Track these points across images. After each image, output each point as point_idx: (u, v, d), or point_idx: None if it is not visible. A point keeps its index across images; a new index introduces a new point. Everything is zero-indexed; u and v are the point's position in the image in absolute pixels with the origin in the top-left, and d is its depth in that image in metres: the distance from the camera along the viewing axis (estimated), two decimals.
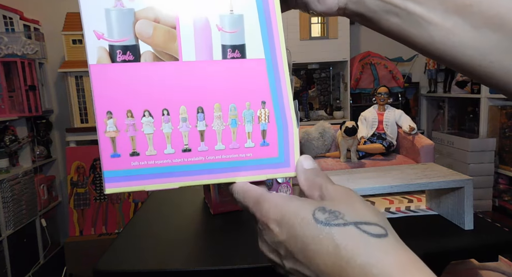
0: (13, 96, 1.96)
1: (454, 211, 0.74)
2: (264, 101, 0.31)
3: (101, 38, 0.29)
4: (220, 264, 0.61)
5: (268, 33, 0.31)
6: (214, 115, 0.31)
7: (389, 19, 0.32)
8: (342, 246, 0.23)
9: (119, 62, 0.29)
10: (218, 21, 0.30)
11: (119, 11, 0.29)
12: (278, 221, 0.26)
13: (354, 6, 0.33)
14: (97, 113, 0.29)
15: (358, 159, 1.67)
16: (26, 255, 1.98)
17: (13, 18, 2.02)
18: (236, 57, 0.31)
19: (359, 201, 0.26)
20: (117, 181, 0.29)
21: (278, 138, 0.32)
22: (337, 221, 0.24)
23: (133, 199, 2.05)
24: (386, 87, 1.74)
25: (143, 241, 0.73)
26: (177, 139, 0.30)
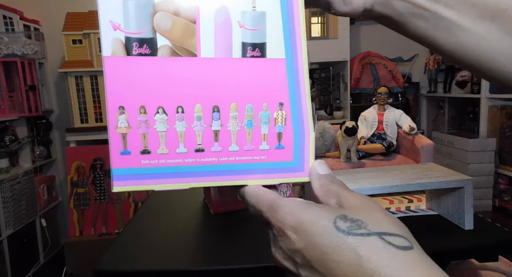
0: (13, 96, 1.96)
1: (454, 211, 0.74)
2: (282, 103, 0.30)
3: (117, 29, 0.27)
4: (220, 264, 0.61)
5: (290, 32, 0.30)
6: (230, 115, 0.29)
7: (417, 23, 0.31)
8: (365, 257, 0.22)
9: (135, 55, 0.28)
10: (240, 18, 0.29)
11: (137, 1, 0.27)
12: (295, 227, 0.25)
13: (381, 8, 0.32)
14: (109, 107, 0.27)
15: (358, 159, 1.67)
16: (26, 255, 1.98)
17: (13, 18, 2.02)
18: (256, 56, 0.29)
19: (380, 210, 0.25)
20: (125, 179, 0.28)
21: (294, 142, 0.31)
22: (360, 231, 0.23)
23: (133, 199, 2.05)
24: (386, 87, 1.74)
25: (143, 241, 0.73)
26: (191, 138, 0.29)
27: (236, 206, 0.87)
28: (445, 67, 2.49)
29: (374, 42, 2.63)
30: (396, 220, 0.25)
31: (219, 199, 0.85)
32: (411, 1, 0.30)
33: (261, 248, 0.67)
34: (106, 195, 2.03)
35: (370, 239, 0.22)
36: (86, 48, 1.97)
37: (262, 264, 0.61)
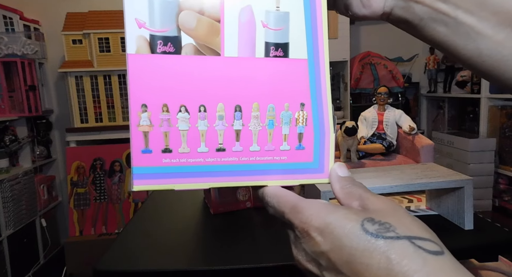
0: (13, 96, 1.96)
1: (454, 211, 0.74)
2: (303, 104, 0.30)
3: (142, 27, 0.27)
4: (220, 264, 0.61)
5: (312, 33, 0.30)
6: (251, 115, 0.29)
7: (436, 28, 0.30)
8: (396, 261, 0.21)
9: (159, 53, 0.27)
10: (264, 17, 0.29)
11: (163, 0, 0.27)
12: (321, 229, 0.24)
13: (401, 12, 0.32)
14: (131, 105, 0.27)
15: (358, 159, 1.67)
16: (26, 255, 1.98)
17: (13, 18, 2.02)
18: (279, 56, 0.29)
19: (407, 214, 0.25)
20: (146, 178, 0.28)
21: (314, 142, 0.31)
22: (389, 234, 0.22)
23: (133, 199, 2.05)
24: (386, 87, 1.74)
25: (143, 241, 0.73)
26: (212, 137, 0.29)
27: (236, 206, 0.87)
28: (445, 67, 2.49)
29: (374, 42, 2.63)
30: (424, 225, 0.24)
31: (219, 199, 0.85)
32: (432, 6, 0.30)
33: (261, 248, 0.67)
34: (106, 195, 2.03)
35: (400, 242, 0.22)
36: (86, 48, 1.97)
37: (262, 264, 0.61)
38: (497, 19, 0.28)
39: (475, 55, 0.30)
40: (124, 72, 2.00)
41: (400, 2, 0.31)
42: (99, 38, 1.95)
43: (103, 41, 1.95)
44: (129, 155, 2.05)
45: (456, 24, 0.29)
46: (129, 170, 2.05)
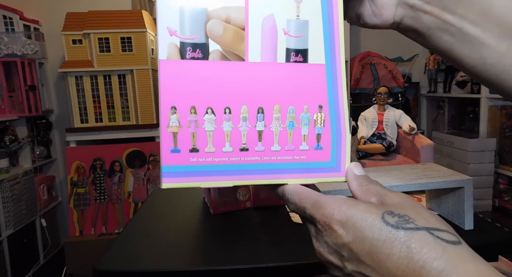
0: (13, 96, 1.96)
1: (454, 211, 0.74)
2: (321, 106, 0.32)
3: (173, 34, 0.29)
4: (220, 264, 0.61)
5: (330, 39, 0.32)
6: (273, 117, 0.31)
7: (442, 37, 0.32)
8: (416, 250, 0.23)
9: (188, 59, 0.29)
10: (285, 25, 0.31)
11: (193, 9, 0.29)
12: (343, 222, 0.26)
13: (410, 21, 0.33)
14: (162, 107, 0.29)
15: (358, 159, 1.67)
16: (26, 255, 1.98)
17: (13, 18, 2.02)
18: (299, 61, 0.31)
19: (424, 208, 0.26)
20: (174, 176, 0.30)
21: (331, 143, 0.32)
22: (408, 225, 0.24)
23: (133, 199, 2.05)
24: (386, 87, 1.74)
25: (143, 241, 0.73)
26: (236, 137, 0.31)
27: (236, 206, 0.87)
28: (445, 67, 2.49)
29: (374, 42, 2.63)
30: (440, 218, 0.26)
31: (219, 199, 0.85)
32: (439, 17, 0.31)
33: (261, 248, 0.67)
34: (106, 195, 2.03)
35: (420, 233, 0.23)
36: (86, 48, 1.97)
37: (262, 264, 0.61)
38: (500, 31, 0.29)
39: (479, 64, 0.31)
40: (124, 72, 2.00)
41: (409, 12, 0.33)
42: (99, 38, 1.95)
43: (103, 41, 1.95)
44: (128, 154, 2.05)
45: (461, 34, 0.31)
46: (129, 170, 2.05)
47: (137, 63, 1.99)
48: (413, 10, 0.32)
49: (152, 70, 2.04)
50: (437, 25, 0.32)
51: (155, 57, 2.14)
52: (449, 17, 0.31)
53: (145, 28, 1.97)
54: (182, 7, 0.29)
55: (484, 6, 0.29)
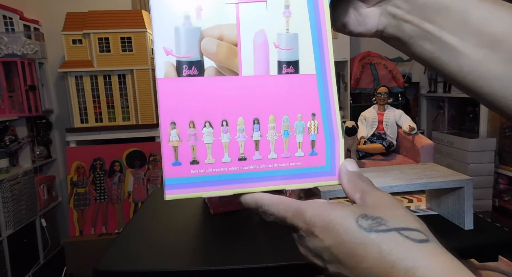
0: (13, 96, 1.96)
1: (454, 211, 0.74)
2: (314, 114, 0.33)
3: (169, 54, 0.31)
4: (220, 264, 0.61)
5: (319, 50, 0.33)
6: (268, 126, 0.33)
7: (423, 45, 0.34)
8: (386, 251, 0.24)
9: (185, 76, 0.31)
10: (276, 39, 0.32)
11: (187, 29, 0.31)
12: (323, 228, 0.27)
13: (393, 30, 0.35)
14: (162, 123, 0.31)
15: (358, 158, 1.67)
16: (26, 255, 1.98)
17: (13, 18, 2.02)
18: (290, 73, 0.33)
19: (400, 207, 0.28)
20: (177, 188, 0.31)
21: (325, 148, 0.34)
22: (380, 227, 0.25)
23: (133, 199, 2.05)
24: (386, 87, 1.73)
25: (143, 241, 0.73)
26: (234, 148, 0.32)
27: (236, 206, 0.87)
28: None
29: (374, 42, 2.63)
30: (414, 216, 0.27)
31: (219, 199, 0.85)
32: (420, 26, 0.33)
33: (261, 248, 0.67)
34: (106, 195, 2.03)
35: (390, 234, 0.25)
36: (86, 48, 1.97)
37: (262, 264, 0.61)
38: (477, 40, 0.31)
39: (457, 71, 0.33)
40: (124, 73, 2.00)
41: (392, 21, 0.34)
42: (99, 38, 1.95)
43: (103, 41, 1.95)
44: (128, 154, 2.06)
45: (441, 43, 0.32)
46: (129, 170, 2.05)
47: (137, 63, 1.99)
48: (395, 19, 0.34)
49: (152, 70, 2.04)
50: (418, 34, 0.33)
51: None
52: (429, 26, 0.32)
53: (145, 28, 1.97)
54: (177, 27, 0.31)
55: (462, 17, 0.31)
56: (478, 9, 0.31)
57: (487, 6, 0.31)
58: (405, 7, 0.33)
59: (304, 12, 0.33)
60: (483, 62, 0.31)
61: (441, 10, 0.32)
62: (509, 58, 0.30)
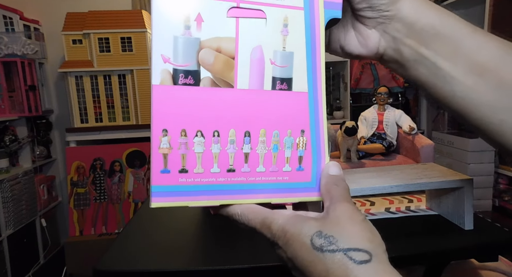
0: (13, 96, 1.96)
1: (454, 211, 0.74)
2: (303, 130, 0.34)
3: (167, 61, 0.31)
4: (220, 264, 0.61)
5: (312, 69, 0.34)
6: (259, 140, 0.33)
7: (418, 69, 0.35)
8: (331, 271, 0.26)
9: (180, 85, 0.31)
10: (272, 56, 0.33)
11: (186, 39, 0.31)
12: (284, 242, 0.29)
13: (392, 53, 0.37)
14: (153, 130, 0.31)
15: (358, 159, 1.67)
16: (26, 255, 1.98)
17: (13, 18, 2.02)
18: (283, 89, 0.34)
19: (358, 223, 0.29)
20: (163, 196, 0.31)
21: (312, 164, 0.35)
22: (330, 247, 0.27)
23: (133, 199, 2.05)
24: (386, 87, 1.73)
25: (143, 241, 0.73)
26: (224, 159, 0.32)
27: None
28: None
29: None
30: (368, 233, 0.29)
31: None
32: (417, 50, 0.35)
33: (260, 248, 0.67)
34: (106, 195, 2.03)
35: (336, 255, 0.27)
36: (86, 48, 1.97)
37: (261, 264, 0.61)
38: (468, 68, 0.33)
39: (450, 96, 0.34)
40: (124, 73, 2.00)
41: (391, 44, 0.36)
42: (99, 38, 1.95)
43: (103, 41, 1.95)
44: (128, 154, 2.06)
45: (435, 68, 0.34)
46: (129, 170, 2.05)
47: (137, 63, 1.99)
48: (395, 42, 0.36)
49: None
50: (415, 58, 0.35)
51: None
52: (425, 51, 0.34)
53: (145, 28, 1.97)
54: (177, 36, 0.31)
55: (456, 45, 0.33)
56: (471, 38, 0.33)
57: (479, 36, 0.33)
58: (404, 31, 0.35)
59: (301, 32, 0.34)
60: (474, 88, 0.33)
61: (437, 36, 0.33)
62: (497, 86, 0.32)
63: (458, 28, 0.33)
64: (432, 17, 0.34)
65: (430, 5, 0.34)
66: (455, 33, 0.33)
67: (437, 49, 0.34)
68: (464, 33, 0.33)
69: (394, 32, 0.35)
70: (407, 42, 0.35)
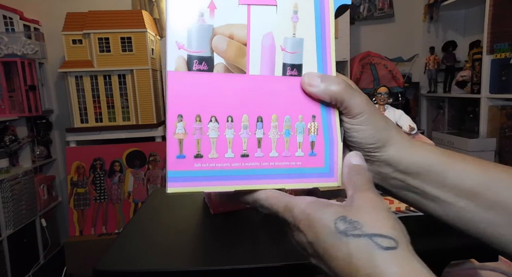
0: (13, 96, 1.96)
1: None
2: (315, 116, 0.34)
3: (181, 48, 0.32)
4: (220, 264, 0.61)
5: (322, 56, 0.35)
6: (271, 125, 0.34)
7: (408, 194, 0.37)
8: (354, 256, 0.26)
9: (195, 71, 0.32)
10: (282, 43, 0.34)
11: (200, 26, 0.32)
12: (307, 225, 0.29)
13: (379, 181, 0.37)
14: (169, 116, 0.31)
15: None
16: (26, 255, 1.98)
17: (13, 18, 2.02)
18: (294, 75, 0.34)
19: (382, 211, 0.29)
20: (179, 181, 0.32)
21: (324, 150, 0.35)
22: (354, 232, 0.27)
23: (133, 199, 2.05)
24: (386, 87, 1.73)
25: (143, 241, 0.73)
26: (238, 144, 0.33)
27: (236, 206, 0.87)
28: (445, 67, 2.49)
29: (374, 42, 2.63)
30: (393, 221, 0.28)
31: (219, 199, 0.85)
32: (404, 181, 0.36)
33: (260, 248, 0.67)
34: (106, 195, 2.03)
35: (362, 240, 0.26)
36: (86, 48, 1.97)
37: (261, 264, 0.61)
38: (456, 193, 0.34)
39: (443, 215, 0.35)
40: (124, 73, 2.00)
41: (378, 176, 0.37)
42: (99, 38, 1.95)
43: (103, 41, 1.95)
44: (128, 154, 2.05)
45: (425, 194, 0.35)
46: (129, 170, 2.05)
47: (137, 63, 1.99)
48: (381, 175, 0.37)
49: (152, 70, 2.04)
50: (402, 187, 0.36)
51: (155, 57, 2.14)
52: (413, 181, 0.35)
53: (145, 28, 1.97)
54: (190, 23, 0.32)
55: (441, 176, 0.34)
56: (453, 168, 0.34)
57: (459, 164, 0.35)
58: (390, 169, 0.36)
59: (311, 19, 0.34)
60: (466, 209, 0.34)
61: (422, 171, 0.35)
62: (489, 206, 0.33)
63: (440, 162, 0.35)
64: (416, 156, 0.35)
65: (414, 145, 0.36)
66: (438, 167, 0.35)
67: (424, 180, 0.35)
68: (445, 165, 0.35)
69: (380, 169, 0.36)
70: (392, 176, 0.36)
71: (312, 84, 0.33)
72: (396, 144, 0.35)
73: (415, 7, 2.58)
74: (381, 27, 2.60)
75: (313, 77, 0.33)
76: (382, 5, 2.56)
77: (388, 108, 1.80)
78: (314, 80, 0.33)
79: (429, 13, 2.47)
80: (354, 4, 2.58)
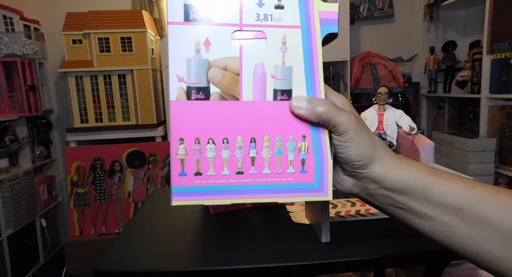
0: (13, 96, 1.96)
1: None
2: (305, 136, 0.38)
3: (181, 80, 0.36)
4: (220, 264, 0.61)
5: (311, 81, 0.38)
6: (263, 145, 0.37)
7: (396, 210, 0.38)
8: None
9: (193, 100, 0.36)
10: (272, 71, 0.37)
11: (197, 60, 0.36)
12: None
13: (365, 196, 0.40)
14: (172, 139, 0.35)
15: None
16: (26, 255, 1.98)
17: (13, 18, 2.02)
18: (284, 99, 0.37)
19: None
20: (182, 195, 0.36)
21: (315, 166, 0.38)
22: None
23: (133, 199, 2.05)
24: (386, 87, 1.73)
25: (143, 241, 0.73)
26: (233, 162, 0.37)
27: (236, 206, 0.87)
28: (445, 67, 2.49)
29: (374, 42, 2.63)
30: None
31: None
32: (390, 197, 0.38)
33: (260, 248, 0.67)
34: (106, 195, 2.03)
35: None
36: (86, 48, 1.97)
37: (261, 265, 0.61)
38: (441, 209, 0.35)
39: (431, 231, 0.37)
40: (124, 73, 2.00)
41: (364, 192, 0.39)
42: (99, 38, 1.95)
43: (103, 41, 1.95)
44: (128, 154, 2.05)
45: (410, 210, 0.37)
46: (129, 170, 2.05)
47: (137, 63, 1.99)
48: (367, 191, 0.39)
49: (152, 70, 2.04)
50: (389, 202, 0.38)
51: (155, 57, 2.14)
52: (398, 198, 0.37)
53: (145, 28, 1.97)
54: (189, 58, 0.36)
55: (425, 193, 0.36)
56: (437, 185, 0.36)
57: (444, 181, 0.36)
58: (375, 186, 0.38)
59: (299, 48, 0.37)
60: (451, 224, 0.35)
61: (407, 189, 0.36)
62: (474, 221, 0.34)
63: (423, 179, 0.36)
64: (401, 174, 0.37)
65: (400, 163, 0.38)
66: (422, 184, 0.36)
67: (410, 197, 0.37)
68: (429, 182, 0.36)
69: (367, 185, 0.39)
70: (378, 193, 0.38)
71: (300, 107, 0.36)
72: (382, 161, 0.37)
73: (415, 7, 2.58)
74: (381, 27, 2.60)
75: (301, 100, 0.36)
76: (382, 5, 2.56)
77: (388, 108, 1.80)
78: (302, 103, 0.36)
79: (429, 13, 2.46)
80: (354, 4, 2.58)
